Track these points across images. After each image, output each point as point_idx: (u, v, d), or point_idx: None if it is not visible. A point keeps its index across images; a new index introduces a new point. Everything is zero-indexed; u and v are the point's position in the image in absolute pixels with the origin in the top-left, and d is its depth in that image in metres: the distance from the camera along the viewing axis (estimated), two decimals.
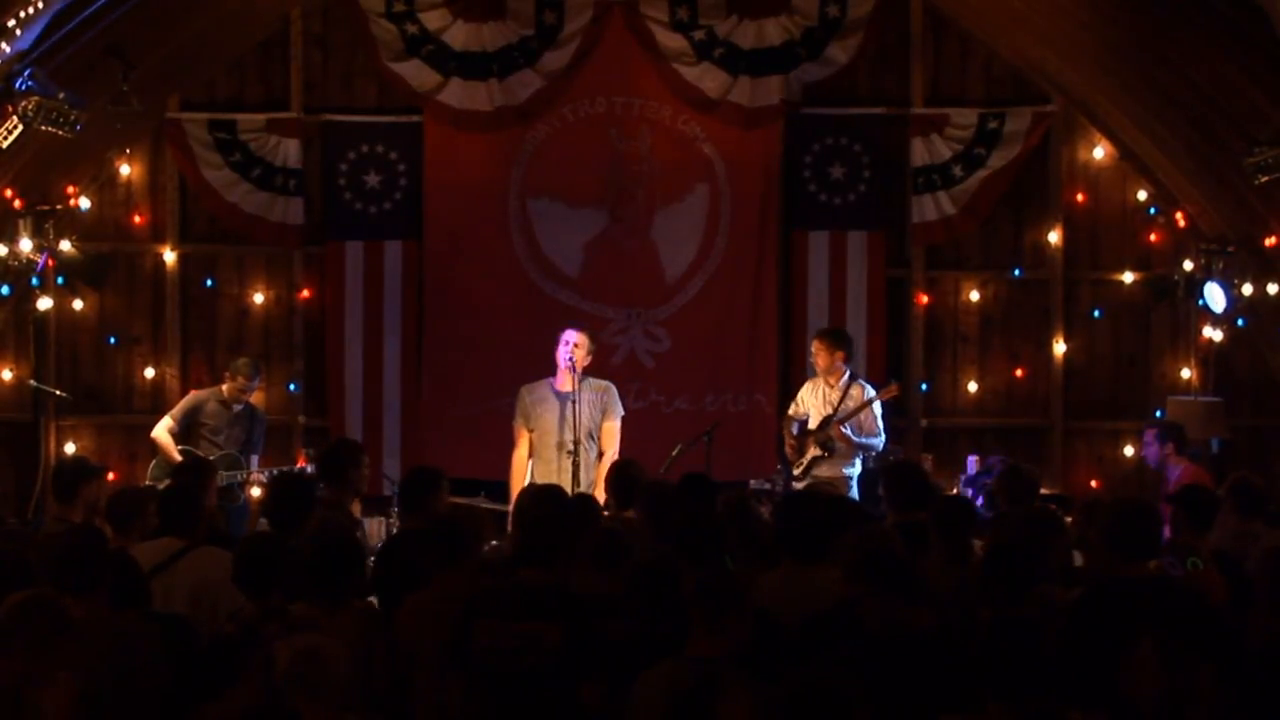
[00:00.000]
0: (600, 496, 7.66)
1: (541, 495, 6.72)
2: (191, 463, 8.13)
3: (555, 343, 8.88)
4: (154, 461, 9.69)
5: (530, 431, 8.90)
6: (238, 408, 9.75)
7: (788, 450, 9.66)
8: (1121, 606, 4.93)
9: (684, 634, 4.78)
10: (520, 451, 8.91)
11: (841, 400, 9.43)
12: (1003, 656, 4.12)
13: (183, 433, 9.64)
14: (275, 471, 9.23)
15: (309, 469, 9.27)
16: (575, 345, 8.80)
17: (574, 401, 8.70)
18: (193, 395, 9.92)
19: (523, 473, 8.88)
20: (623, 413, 8.97)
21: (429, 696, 5.27)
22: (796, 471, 9.46)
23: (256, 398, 10.35)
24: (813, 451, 9.42)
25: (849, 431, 9.33)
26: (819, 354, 9.54)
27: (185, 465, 8.06)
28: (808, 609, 5.24)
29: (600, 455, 8.81)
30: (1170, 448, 9.10)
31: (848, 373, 9.57)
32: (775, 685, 3.76)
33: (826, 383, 9.55)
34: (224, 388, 9.78)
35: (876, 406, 9.46)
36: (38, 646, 4.34)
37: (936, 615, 5.06)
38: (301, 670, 4.27)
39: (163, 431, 9.62)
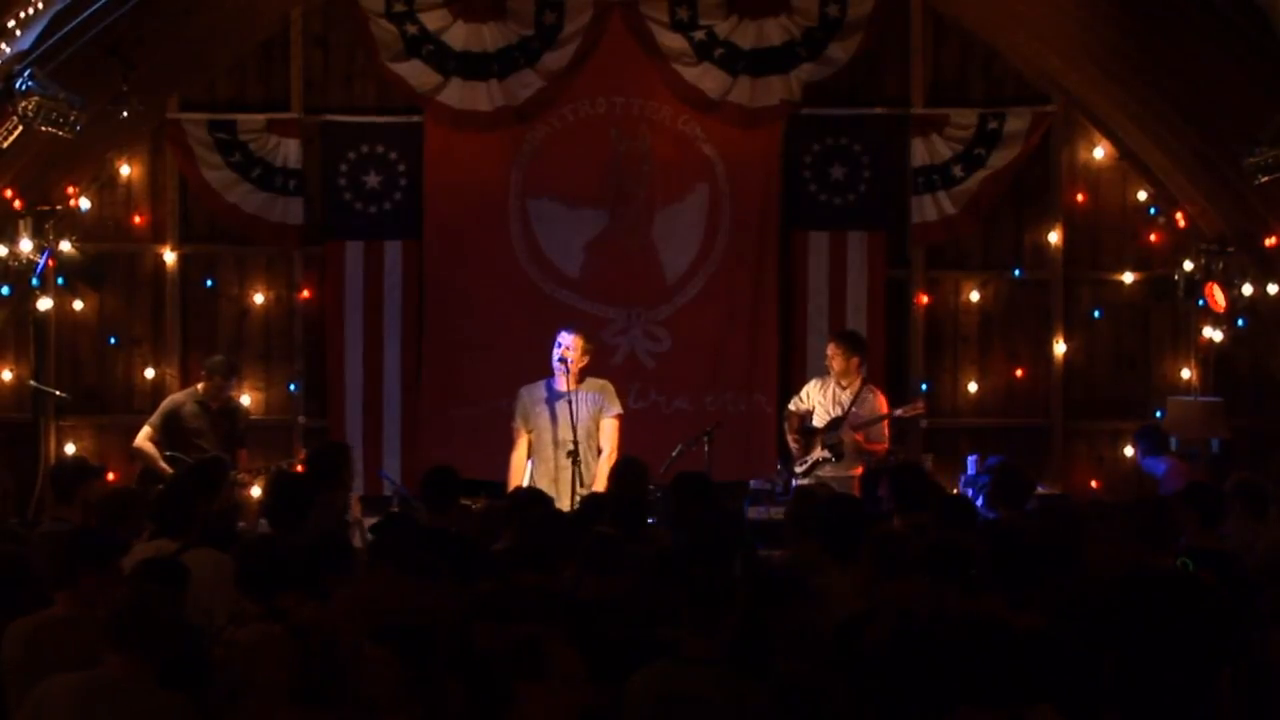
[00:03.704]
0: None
1: (535, 498, 6.76)
2: (205, 461, 7.88)
3: (553, 344, 8.90)
4: (140, 470, 9.49)
5: (529, 432, 8.91)
6: (217, 407, 9.54)
7: (791, 445, 9.62)
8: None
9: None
10: (518, 452, 8.93)
11: (853, 403, 9.41)
12: (972, 657, 4.05)
13: (165, 438, 9.37)
14: (268, 469, 9.18)
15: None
16: (566, 348, 8.83)
17: (570, 401, 8.70)
18: (169, 400, 9.69)
19: (520, 473, 8.90)
20: (620, 410, 8.97)
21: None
22: (799, 470, 9.45)
23: (256, 398, 10.33)
24: (819, 453, 9.40)
25: (861, 438, 9.35)
26: (835, 357, 9.50)
27: (198, 464, 7.80)
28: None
29: (599, 453, 8.81)
30: (1141, 448, 9.40)
31: (862, 377, 9.56)
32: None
33: (838, 384, 9.52)
34: (200, 387, 9.61)
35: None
36: None
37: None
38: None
39: (144, 440, 9.37)
